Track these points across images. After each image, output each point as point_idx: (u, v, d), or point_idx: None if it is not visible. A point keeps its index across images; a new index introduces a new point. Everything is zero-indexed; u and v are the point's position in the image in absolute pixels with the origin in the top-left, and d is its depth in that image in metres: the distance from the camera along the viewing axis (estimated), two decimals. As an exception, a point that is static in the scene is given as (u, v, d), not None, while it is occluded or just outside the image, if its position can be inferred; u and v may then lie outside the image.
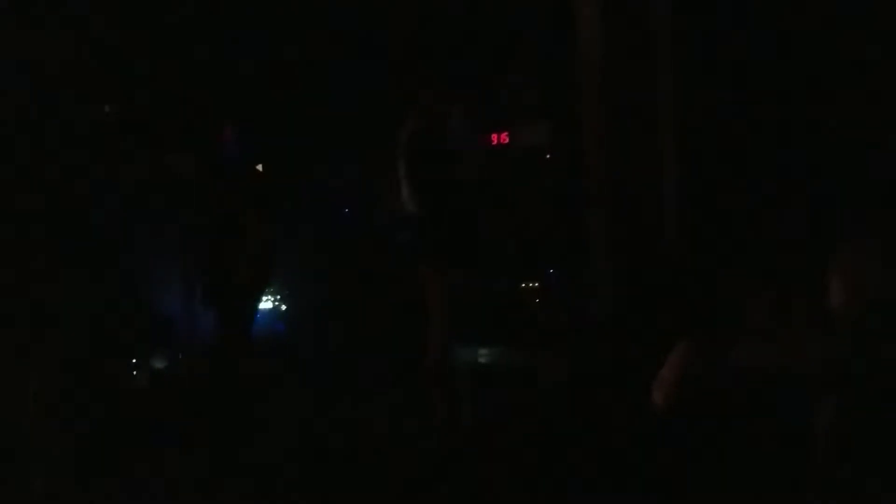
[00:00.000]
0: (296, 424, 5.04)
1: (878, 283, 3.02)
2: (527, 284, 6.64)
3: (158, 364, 6.18)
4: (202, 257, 5.11)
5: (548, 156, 6.61)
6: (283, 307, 7.21)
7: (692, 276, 5.48)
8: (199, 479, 4.17)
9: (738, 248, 5.36)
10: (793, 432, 2.99)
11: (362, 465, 4.31)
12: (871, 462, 2.68)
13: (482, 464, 4.11)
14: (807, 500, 2.86)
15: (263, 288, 5.33)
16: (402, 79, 5.56)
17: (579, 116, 6.09)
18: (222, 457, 4.50)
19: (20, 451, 4.29)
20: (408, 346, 5.05)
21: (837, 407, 2.88)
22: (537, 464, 3.93)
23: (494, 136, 6.72)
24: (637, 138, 5.87)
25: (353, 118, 6.83)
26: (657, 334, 4.73)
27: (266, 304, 7.05)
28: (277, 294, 7.17)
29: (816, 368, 3.00)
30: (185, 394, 5.58)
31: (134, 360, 5.93)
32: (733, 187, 5.60)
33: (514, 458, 4.10)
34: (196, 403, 5.13)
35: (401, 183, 4.84)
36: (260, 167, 5.35)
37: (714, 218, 5.64)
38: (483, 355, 5.95)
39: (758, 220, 5.44)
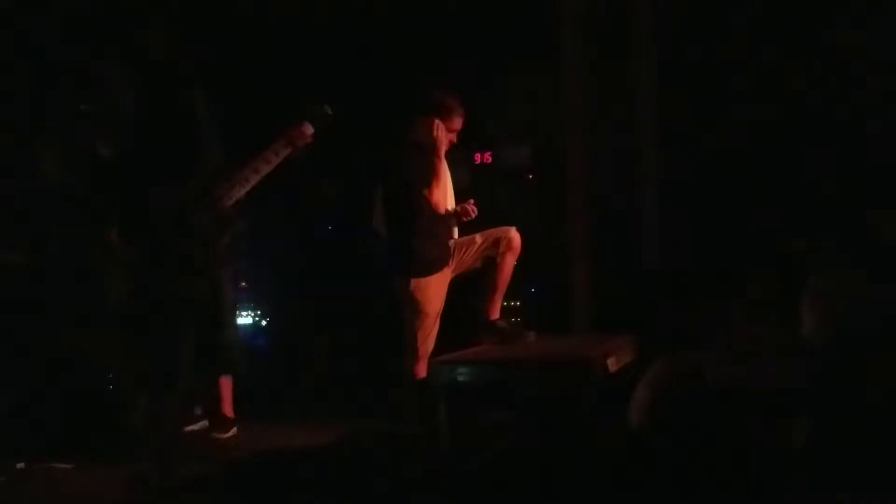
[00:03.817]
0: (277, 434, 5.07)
1: (847, 312, 3.06)
2: (508, 303, 6.66)
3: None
4: None
5: (530, 176, 6.63)
6: (264, 322, 7.19)
7: (671, 295, 5.53)
8: (194, 481, 4.20)
9: (718, 267, 5.41)
10: (768, 451, 3.03)
11: (343, 474, 4.32)
12: (845, 479, 2.72)
13: (461, 478, 4.12)
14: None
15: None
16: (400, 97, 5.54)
17: (561, 135, 6.16)
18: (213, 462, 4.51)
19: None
20: (388, 361, 5.07)
21: (812, 426, 2.91)
22: (516, 479, 3.95)
23: (477, 156, 6.75)
24: (618, 154, 5.95)
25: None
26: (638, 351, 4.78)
27: (246, 318, 7.03)
28: (258, 310, 7.16)
29: (791, 388, 3.03)
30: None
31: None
32: (716, 204, 5.66)
33: (493, 473, 4.11)
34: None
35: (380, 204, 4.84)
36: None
37: (695, 236, 5.69)
38: (462, 373, 5.95)
39: (739, 239, 5.50)
